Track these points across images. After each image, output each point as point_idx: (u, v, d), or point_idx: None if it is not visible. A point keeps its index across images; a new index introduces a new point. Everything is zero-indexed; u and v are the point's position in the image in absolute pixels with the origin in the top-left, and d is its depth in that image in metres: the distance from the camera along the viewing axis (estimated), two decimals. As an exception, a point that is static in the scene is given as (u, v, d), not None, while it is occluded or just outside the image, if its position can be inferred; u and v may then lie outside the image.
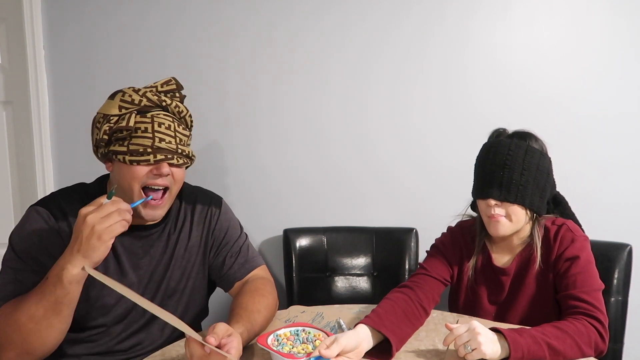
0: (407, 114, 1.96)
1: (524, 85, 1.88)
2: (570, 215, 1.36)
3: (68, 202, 1.20)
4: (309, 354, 1.03)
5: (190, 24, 2.00)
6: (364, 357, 1.07)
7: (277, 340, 1.09)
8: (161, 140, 1.15)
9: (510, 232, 1.25)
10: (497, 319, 1.31)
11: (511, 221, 1.23)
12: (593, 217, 1.84)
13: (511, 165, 1.21)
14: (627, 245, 1.54)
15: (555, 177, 1.32)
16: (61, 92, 2.08)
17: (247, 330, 1.09)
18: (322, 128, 2.00)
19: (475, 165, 1.30)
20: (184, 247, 1.30)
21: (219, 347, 0.95)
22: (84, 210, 1.01)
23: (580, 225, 1.33)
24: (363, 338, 1.07)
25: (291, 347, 1.07)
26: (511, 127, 1.31)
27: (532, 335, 1.04)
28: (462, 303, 1.37)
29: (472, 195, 1.32)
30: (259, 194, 2.06)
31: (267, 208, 2.06)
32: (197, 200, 1.34)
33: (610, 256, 1.53)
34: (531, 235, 1.28)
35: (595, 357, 1.10)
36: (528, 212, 1.24)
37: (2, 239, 2.12)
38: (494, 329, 1.05)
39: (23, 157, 2.12)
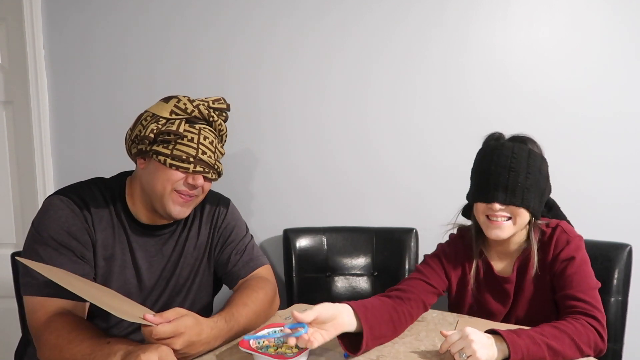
0: (407, 114, 1.96)
1: (524, 85, 1.88)
2: (563, 217, 1.35)
3: (87, 192, 1.24)
4: (299, 352, 1.03)
5: (190, 24, 2.00)
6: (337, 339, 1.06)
7: (259, 343, 1.09)
8: (204, 152, 1.22)
9: (510, 235, 1.24)
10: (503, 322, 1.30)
11: (515, 224, 1.22)
12: (593, 217, 1.86)
13: (516, 168, 1.19)
14: (627, 245, 1.54)
15: (555, 177, 1.31)
16: (61, 92, 2.08)
17: (226, 320, 1.11)
18: (322, 128, 2.00)
19: (475, 169, 1.28)
20: (193, 245, 1.34)
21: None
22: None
23: (572, 226, 1.32)
24: (343, 313, 1.05)
25: (275, 347, 1.08)
26: (511, 127, 1.31)
27: (530, 336, 1.03)
28: (467, 312, 1.35)
29: (471, 199, 1.28)
30: (259, 194, 2.06)
31: (267, 208, 2.06)
32: (206, 200, 1.38)
33: (610, 256, 1.53)
34: (528, 240, 1.27)
35: (595, 356, 1.10)
36: (529, 215, 1.23)
37: (2, 238, 2.15)
38: (491, 331, 1.04)
39: (23, 157, 2.12)
